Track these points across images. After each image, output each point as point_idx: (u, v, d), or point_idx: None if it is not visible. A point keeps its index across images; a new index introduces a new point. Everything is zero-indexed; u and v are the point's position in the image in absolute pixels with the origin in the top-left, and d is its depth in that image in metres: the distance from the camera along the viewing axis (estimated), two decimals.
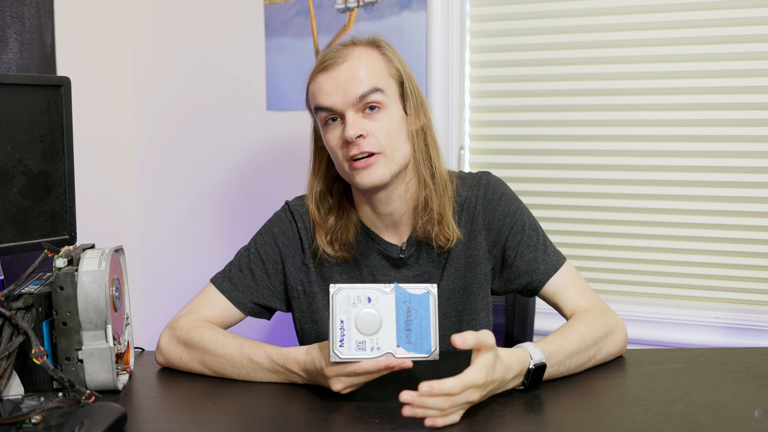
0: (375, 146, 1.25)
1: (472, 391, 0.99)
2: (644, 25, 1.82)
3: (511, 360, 1.06)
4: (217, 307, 1.34)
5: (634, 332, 1.48)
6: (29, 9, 1.83)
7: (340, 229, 1.35)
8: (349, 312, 1.04)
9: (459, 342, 0.98)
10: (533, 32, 1.91)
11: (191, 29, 2.18)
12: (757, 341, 1.81)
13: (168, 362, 1.27)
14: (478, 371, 0.99)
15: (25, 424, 0.99)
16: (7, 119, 1.28)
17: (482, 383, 0.99)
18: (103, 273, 1.11)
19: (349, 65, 1.26)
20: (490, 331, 1.02)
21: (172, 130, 2.24)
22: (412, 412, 0.97)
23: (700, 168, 1.82)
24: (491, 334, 1.01)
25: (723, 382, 1.14)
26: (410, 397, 0.96)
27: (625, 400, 1.08)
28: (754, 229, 1.80)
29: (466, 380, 0.98)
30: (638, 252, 1.90)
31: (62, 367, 1.12)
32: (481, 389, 1.00)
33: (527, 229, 1.34)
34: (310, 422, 1.03)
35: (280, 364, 1.16)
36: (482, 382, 0.99)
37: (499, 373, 1.03)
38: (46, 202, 1.35)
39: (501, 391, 1.07)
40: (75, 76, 1.45)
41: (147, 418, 1.06)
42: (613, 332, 1.23)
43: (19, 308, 1.09)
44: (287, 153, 2.12)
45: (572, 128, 1.91)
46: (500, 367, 1.03)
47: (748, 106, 1.77)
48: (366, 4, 1.99)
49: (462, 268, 1.35)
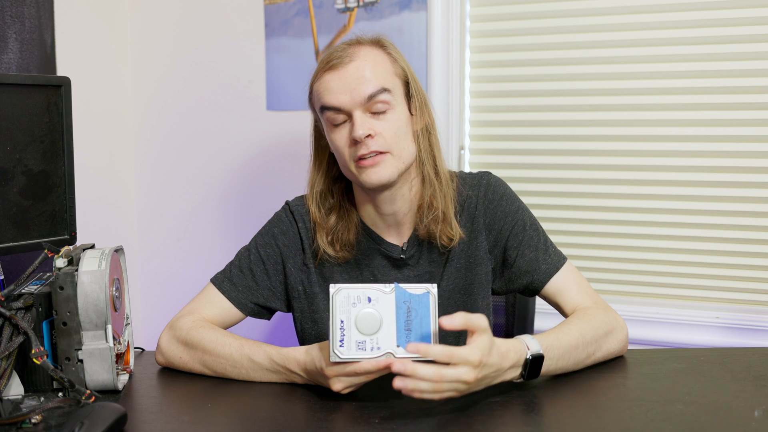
0: (383, 146, 1.25)
1: (465, 370, 0.99)
2: (644, 25, 1.82)
3: (508, 348, 1.06)
4: (217, 307, 1.34)
5: (634, 332, 1.48)
6: (29, 9, 1.83)
7: (341, 229, 1.34)
8: (349, 312, 1.04)
9: (446, 323, 0.99)
10: (533, 32, 1.91)
11: (191, 29, 2.18)
12: (757, 341, 1.81)
13: (168, 362, 1.27)
14: (472, 350, 0.99)
15: (25, 424, 0.99)
16: (7, 119, 1.28)
17: (475, 361, 0.99)
18: (103, 273, 1.11)
19: (356, 65, 1.26)
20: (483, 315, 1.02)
21: (172, 130, 2.24)
22: (402, 383, 0.98)
23: (700, 168, 1.83)
24: (484, 317, 1.01)
25: (723, 382, 1.14)
26: (401, 365, 0.97)
27: (625, 400, 1.08)
28: (754, 229, 1.80)
29: (455, 352, 0.98)
30: (638, 252, 1.90)
31: (62, 367, 1.12)
32: (474, 369, 0.99)
33: (528, 229, 1.34)
34: (310, 422, 1.03)
35: (280, 364, 1.16)
36: (476, 361, 0.99)
37: (495, 359, 1.03)
38: (46, 202, 1.35)
39: (498, 381, 1.06)
40: (75, 76, 1.45)
41: (147, 418, 1.06)
42: (613, 331, 1.23)
43: (19, 308, 1.09)
44: (287, 153, 2.12)
45: (572, 128, 1.91)
46: (496, 353, 1.03)
47: (748, 106, 1.77)
48: (366, 4, 1.99)
49: (463, 268, 1.35)
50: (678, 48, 1.80)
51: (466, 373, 0.99)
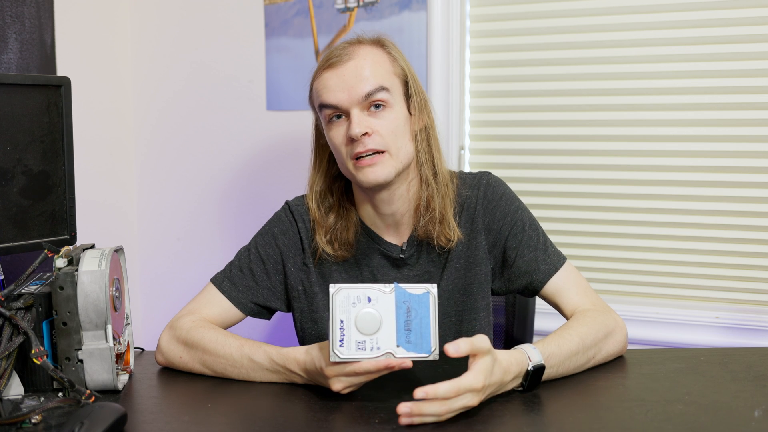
0: (380, 144, 1.25)
1: (470, 396, 0.99)
2: (644, 25, 1.82)
3: (510, 362, 1.06)
4: (217, 307, 1.34)
5: (634, 332, 1.48)
6: (29, 9, 1.83)
7: (340, 228, 1.35)
8: (348, 312, 1.04)
9: (452, 351, 0.98)
10: (533, 32, 1.91)
11: (191, 29, 2.18)
12: (757, 341, 1.81)
13: (168, 362, 1.27)
14: (476, 376, 0.99)
15: (25, 424, 0.99)
16: (7, 119, 1.28)
17: (480, 387, 0.99)
18: (103, 273, 1.11)
19: (355, 63, 1.26)
20: (484, 335, 1.01)
21: (172, 130, 2.24)
22: (409, 420, 0.97)
23: (700, 168, 1.82)
24: (486, 337, 1.01)
25: (723, 382, 1.14)
26: (407, 408, 0.97)
27: (625, 400, 1.08)
28: (754, 229, 1.80)
29: (462, 384, 0.98)
30: (638, 252, 1.90)
31: (62, 367, 1.12)
32: (479, 394, 1.00)
33: (527, 229, 1.34)
34: (310, 422, 1.03)
35: (280, 364, 1.16)
36: (479, 387, 0.99)
37: (498, 376, 1.03)
38: (46, 202, 1.35)
39: (500, 392, 1.07)
40: (75, 76, 1.45)
41: (147, 418, 1.06)
42: (613, 333, 1.23)
43: (19, 308, 1.09)
44: (287, 153, 2.12)
45: (572, 128, 1.91)
46: (498, 371, 1.03)
47: (748, 106, 1.77)
48: (366, 4, 1.99)
49: (462, 268, 1.35)
50: (678, 48, 1.80)
51: (470, 399, 0.99)
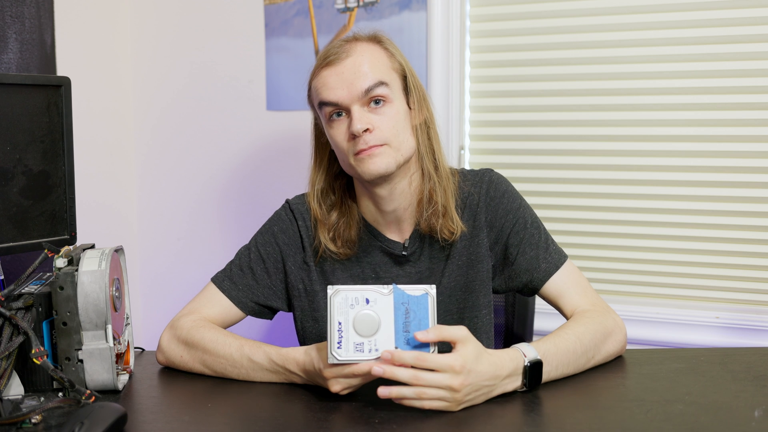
0: (381, 140, 1.25)
1: (448, 376, 1.00)
2: (644, 25, 1.82)
3: (502, 357, 1.06)
4: (217, 306, 1.34)
5: (634, 332, 1.48)
6: (29, 9, 1.83)
7: (342, 226, 1.35)
8: (347, 313, 1.04)
9: (421, 336, 1.02)
10: (533, 32, 1.91)
11: (191, 29, 2.18)
12: (757, 341, 1.81)
13: (168, 362, 1.27)
14: (453, 356, 1.01)
15: (25, 424, 0.99)
16: (7, 119, 1.28)
17: (457, 367, 1.00)
18: (103, 273, 1.11)
19: (353, 60, 1.26)
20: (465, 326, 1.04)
21: (172, 130, 2.24)
22: (387, 391, 1.00)
23: (700, 168, 1.82)
24: (464, 328, 1.04)
25: (723, 382, 1.14)
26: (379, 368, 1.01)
27: (625, 400, 1.08)
28: (754, 229, 1.80)
29: (429, 357, 1.01)
30: (638, 252, 1.90)
31: (62, 367, 1.12)
32: (458, 375, 1.00)
33: (529, 226, 1.34)
34: (310, 422, 1.03)
35: (279, 365, 1.16)
36: (457, 366, 1.00)
37: (485, 366, 1.03)
38: (46, 202, 1.35)
39: (499, 391, 1.06)
40: (75, 76, 1.45)
41: (147, 418, 1.06)
42: (612, 333, 1.23)
43: (19, 308, 1.09)
44: (287, 153, 2.12)
45: (572, 128, 1.91)
46: (486, 361, 1.04)
47: (748, 106, 1.77)
48: (366, 4, 1.99)
49: (464, 265, 1.35)
50: (678, 48, 1.80)
51: (449, 378, 1.00)
